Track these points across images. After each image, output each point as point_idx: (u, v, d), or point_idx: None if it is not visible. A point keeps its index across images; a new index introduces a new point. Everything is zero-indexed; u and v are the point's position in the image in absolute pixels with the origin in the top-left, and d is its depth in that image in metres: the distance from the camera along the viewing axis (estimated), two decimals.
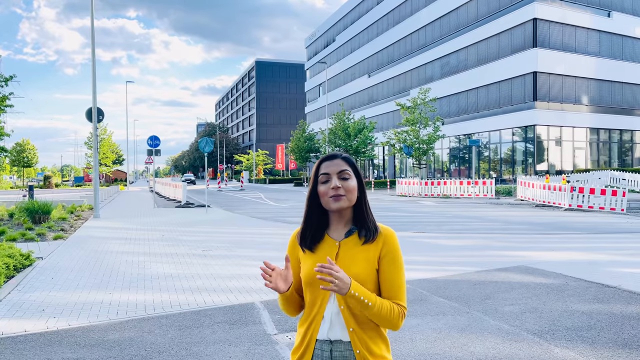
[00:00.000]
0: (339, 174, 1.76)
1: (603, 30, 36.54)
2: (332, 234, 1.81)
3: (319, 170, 1.79)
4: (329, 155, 1.83)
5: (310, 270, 1.75)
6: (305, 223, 1.82)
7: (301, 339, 1.78)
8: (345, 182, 1.75)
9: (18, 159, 64.04)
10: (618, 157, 38.15)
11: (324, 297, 1.73)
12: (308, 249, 1.80)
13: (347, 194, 1.75)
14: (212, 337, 4.68)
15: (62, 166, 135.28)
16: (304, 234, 1.83)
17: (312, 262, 1.76)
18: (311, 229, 1.81)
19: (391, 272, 1.75)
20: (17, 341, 4.60)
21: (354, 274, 1.70)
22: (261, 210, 21.32)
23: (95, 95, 18.30)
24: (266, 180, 66.82)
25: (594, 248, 9.70)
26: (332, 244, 1.79)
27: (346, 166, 1.78)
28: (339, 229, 1.81)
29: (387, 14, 52.40)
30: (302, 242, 1.82)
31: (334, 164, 1.77)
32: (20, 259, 7.64)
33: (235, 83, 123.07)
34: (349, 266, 1.73)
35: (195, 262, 8.58)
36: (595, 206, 17.87)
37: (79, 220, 15.98)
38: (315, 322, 1.75)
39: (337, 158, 1.80)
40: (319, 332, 1.74)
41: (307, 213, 1.82)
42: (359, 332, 1.71)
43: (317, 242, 1.80)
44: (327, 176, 1.76)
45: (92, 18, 18.15)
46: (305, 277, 1.78)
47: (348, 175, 1.76)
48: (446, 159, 43.83)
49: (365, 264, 1.73)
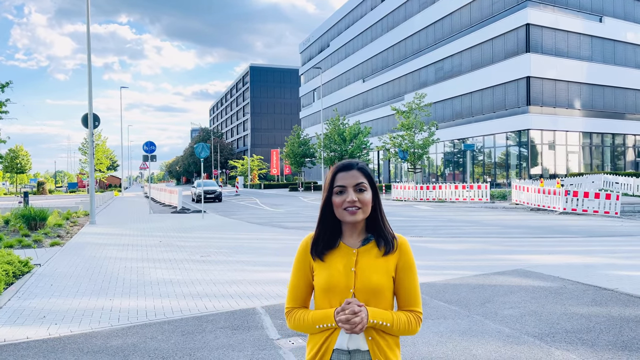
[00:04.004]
0: (355, 186, 1.74)
1: (595, 35, 36.93)
2: (347, 242, 1.81)
3: (334, 181, 1.77)
4: (345, 164, 1.80)
5: (328, 278, 1.75)
6: (319, 231, 1.81)
7: (317, 349, 1.75)
8: (361, 195, 1.74)
9: (11, 165, 63.62)
10: (611, 161, 38.47)
11: None
12: (320, 258, 1.79)
13: (363, 207, 1.74)
14: (215, 343, 4.69)
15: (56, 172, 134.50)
16: (317, 241, 1.81)
17: (329, 269, 1.76)
18: (325, 237, 1.80)
19: (409, 281, 1.79)
20: (19, 348, 4.59)
21: (375, 283, 1.72)
22: (257, 215, 21.32)
23: (92, 101, 18.27)
24: (261, 185, 66.77)
25: (590, 251, 9.78)
26: (349, 251, 1.78)
27: (363, 178, 1.76)
28: (354, 237, 1.81)
29: (381, 19, 52.69)
30: (315, 249, 1.81)
31: (350, 176, 1.75)
32: (19, 266, 7.62)
33: (229, 88, 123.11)
34: (369, 275, 1.73)
35: (194, 267, 8.58)
36: (590, 210, 18.01)
37: (75, 227, 15.92)
38: (333, 332, 1.73)
39: (354, 169, 1.77)
40: (337, 342, 1.73)
41: (321, 222, 1.81)
42: (377, 340, 1.72)
43: (332, 250, 1.80)
44: (342, 188, 1.74)
45: (88, 25, 18.15)
46: (323, 284, 1.76)
47: (364, 187, 1.75)
48: (441, 164, 44.01)
49: (385, 273, 1.75)
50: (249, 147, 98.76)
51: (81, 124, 18.98)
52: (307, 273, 1.83)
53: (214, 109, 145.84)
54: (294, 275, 1.85)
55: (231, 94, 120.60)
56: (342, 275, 1.74)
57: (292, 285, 1.85)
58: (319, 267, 1.79)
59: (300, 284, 1.84)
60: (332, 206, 1.77)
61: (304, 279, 1.83)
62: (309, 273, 1.83)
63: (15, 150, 64.18)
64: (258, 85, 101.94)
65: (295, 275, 1.84)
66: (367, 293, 1.72)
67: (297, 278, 1.84)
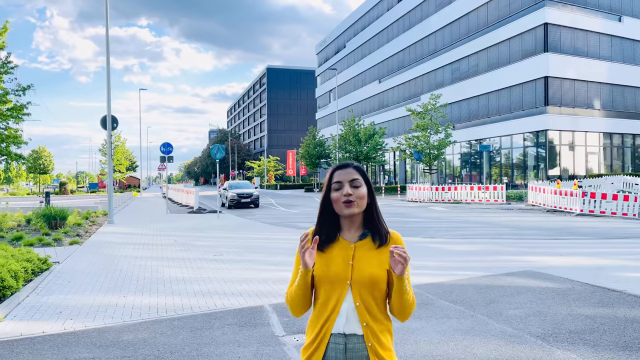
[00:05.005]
0: (350, 182, 1.90)
1: (614, 35, 36.33)
2: (345, 236, 1.95)
3: (332, 179, 1.94)
4: (341, 164, 1.98)
5: (327, 269, 1.89)
6: (319, 226, 1.97)
7: (315, 334, 1.90)
8: (356, 190, 1.90)
9: (34, 166, 65.09)
10: (632, 162, 37.78)
11: (341, 295, 1.87)
12: (320, 250, 1.94)
13: (358, 200, 1.89)
14: (222, 338, 4.83)
15: (77, 173, 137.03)
16: (317, 235, 1.94)
17: (326, 261, 1.90)
18: (325, 231, 1.95)
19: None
20: (35, 342, 4.80)
21: (369, 274, 1.86)
22: (272, 215, 21.51)
23: (110, 104, 18.68)
24: (277, 186, 67.14)
25: (602, 253, 9.70)
26: (346, 245, 1.93)
27: (357, 175, 1.92)
28: (352, 232, 1.96)
29: (397, 20, 52.58)
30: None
31: (345, 173, 1.92)
32: (38, 264, 7.88)
33: (246, 90, 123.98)
34: (365, 267, 1.88)
35: (206, 266, 8.76)
36: (607, 211, 17.77)
37: (94, 226, 16.29)
38: (331, 317, 1.87)
39: (349, 167, 1.95)
40: (334, 327, 1.87)
41: (320, 217, 1.97)
42: (371, 326, 1.86)
43: (331, 243, 1.94)
44: (339, 184, 1.91)
45: (107, 29, 18.56)
46: (322, 274, 1.89)
47: (359, 183, 1.91)
48: (457, 164, 43.73)
49: (379, 265, 1.88)
50: (266, 148, 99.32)
51: (100, 126, 19.42)
52: None
53: (231, 110, 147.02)
54: (296, 265, 1.99)
55: (248, 96, 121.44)
56: (340, 267, 1.89)
57: (294, 273, 2.00)
58: (319, 258, 1.93)
59: None
60: (330, 203, 1.93)
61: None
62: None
63: (38, 152, 65.67)
64: (275, 86, 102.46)
65: (297, 265, 1.98)
66: (363, 284, 1.86)
67: (298, 267, 1.97)
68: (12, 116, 14.71)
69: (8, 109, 14.64)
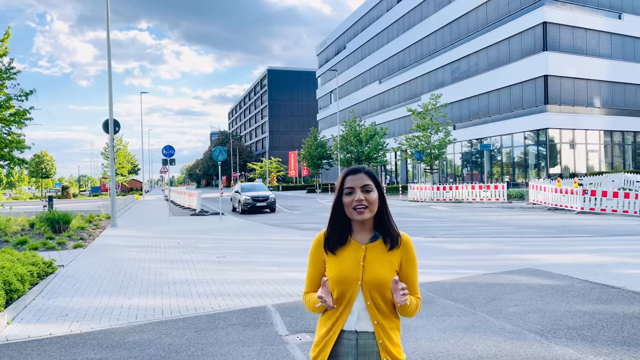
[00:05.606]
0: (362, 187, 1.97)
1: (614, 32, 36.35)
2: (356, 238, 2.03)
3: (344, 183, 2.00)
4: (353, 169, 2.04)
5: (339, 270, 1.98)
6: (331, 228, 2.04)
7: (326, 330, 1.99)
8: (367, 195, 1.97)
9: (37, 170, 65.33)
10: (632, 160, 37.78)
11: (353, 293, 1.96)
12: (332, 252, 2.02)
13: (370, 205, 1.96)
14: (226, 338, 4.92)
15: (79, 176, 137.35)
16: (329, 238, 2.04)
17: (339, 263, 1.99)
18: (336, 234, 2.03)
19: (412, 274, 2.05)
20: (43, 343, 4.88)
21: (380, 276, 1.95)
22: (274, 217, 21.59)
23: (112, 107, 18.79)
24: (279, 187, 67.28)
25: (602, 250, 9.77)
26: (357, 247, 2.01)
27: (369, 180, 1.99)
28: (363, 234, 2.03)
29: (397, 21, 52.66)
30: (328, 244, 2.04)
31: (357, 178, 1.99)
32: (43, 267, 7.97)
33: (247, 91, 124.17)
34: (376, 269, 1.96)
35: (210, 268, 8.84)
36: (608, 209, 17.82)
37: (97, 229, 16.40)
38: (343, 315, 1.97)
39: (361, 172, 2.01)
40: (346, 324, 1.96)
41: (332, 219, 2.04)
42: (382, 324, 1.96)
43: (343, 245, 2.02)
44: (351, 189, 1.97)
45: (108, 34, 18.69)
46: (334, 276, 1.98)
47: (370, 188, 1.98)
48: (459, 164, 43.77)
49: (389, 267, 1.97)
50: (267, 149, 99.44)
51: (102, 129, 19.53)
52: (320, 265, 2.08)
53: (232, 112, 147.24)
54: (309, 266, 2.11)
55: (249, 97, 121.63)
56: (351, 268, 1.97)
57: (308, 275, 2.12)
58: (331, 261, 2.02)
59: (315, 274, 2.09)
60: (342, 206, 2.01)
61: (317, 270, 2.09)
62: (322, 265, 2.07)
63: (40, 156, 65.91)
64: (276, 88, 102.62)
65: (310, 267, 2.11)
66: (373, 284, 1.94)
67: (311, 269, 2.10)
68: (15, 121, 14.82)
69: (11, 114, 14.74)
